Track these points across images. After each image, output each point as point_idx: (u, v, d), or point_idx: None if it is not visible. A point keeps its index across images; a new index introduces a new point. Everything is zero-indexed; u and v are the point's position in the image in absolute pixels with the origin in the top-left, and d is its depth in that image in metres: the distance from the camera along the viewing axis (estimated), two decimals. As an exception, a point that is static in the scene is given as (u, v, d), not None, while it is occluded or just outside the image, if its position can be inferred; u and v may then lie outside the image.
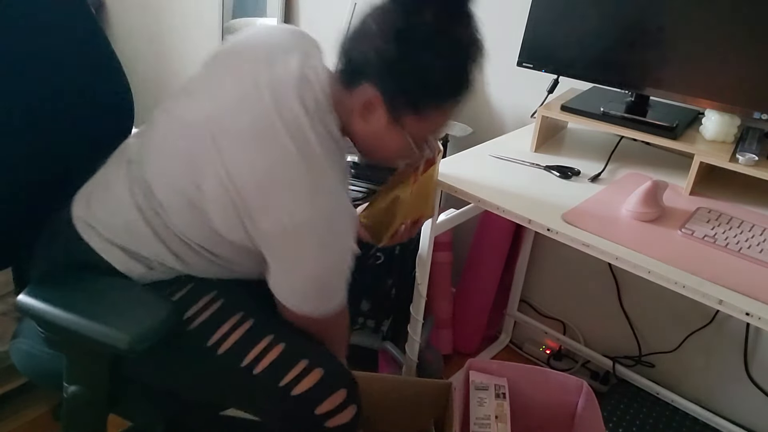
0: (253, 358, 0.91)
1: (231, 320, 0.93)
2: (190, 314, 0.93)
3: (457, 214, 1.46)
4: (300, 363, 0.91)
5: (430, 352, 1.69)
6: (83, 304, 0.85)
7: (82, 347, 0.86)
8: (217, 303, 0.94)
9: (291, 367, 0.91)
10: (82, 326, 0.82)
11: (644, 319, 1.65)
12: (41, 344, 0.96)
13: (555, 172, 1.26)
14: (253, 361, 0.90)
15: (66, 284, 0.90)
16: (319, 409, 0.90)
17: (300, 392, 0.90)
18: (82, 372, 0.89)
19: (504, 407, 1.30)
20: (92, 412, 0.92)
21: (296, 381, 0.90)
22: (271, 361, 0.91)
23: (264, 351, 0.91)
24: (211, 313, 0.93)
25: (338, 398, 0.91)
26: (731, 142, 1.20)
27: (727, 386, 1.54)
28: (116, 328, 0.81)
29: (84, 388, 0.89)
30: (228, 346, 0.91)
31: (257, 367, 0.90)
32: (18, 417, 1.53)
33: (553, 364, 1.84)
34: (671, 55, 1.21)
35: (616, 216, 1.11)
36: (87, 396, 0.90)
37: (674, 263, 0.98)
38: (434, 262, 1.44)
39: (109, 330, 0.81)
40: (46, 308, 0.84)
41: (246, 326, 0.93)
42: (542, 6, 1.31)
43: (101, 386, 0.90)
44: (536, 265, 1.82)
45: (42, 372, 0.99)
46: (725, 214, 1.12)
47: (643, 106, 1.31)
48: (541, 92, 1.45)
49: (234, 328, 0.92)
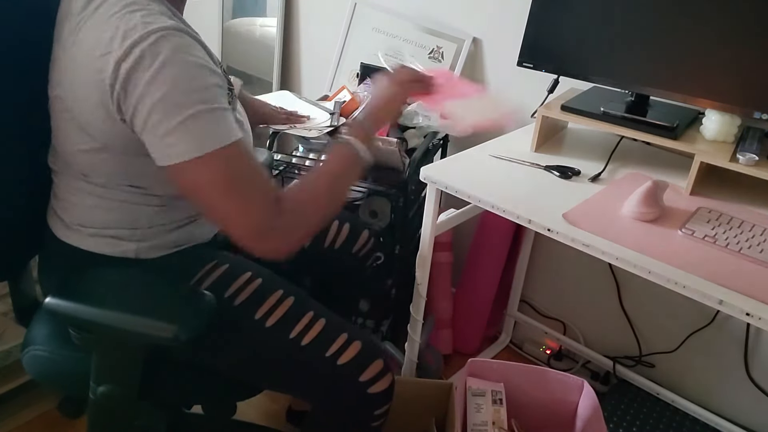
0: (300, 331, 0.97)
1: (273, 296, 0.99)
2: (232, 292, 0.98)
3: (457, 214, 1.46)
4: (342, 336, 0.98)
5: (430, 352, 1.69)
6: (118, 300, 0.87)
7: (117, 344, 0.87)
8: (256, 281, 1.00)
9: (334, 339, 0.98)
10: (123, 321, 0.83)
11: (644, 319, 1.65)
12: (61, 348, 0.96)
13: (555, 172, 1.26)
14: (300, 333, 0.97)
15: (93, 283, 0.90)
16: (363, 376, 0.98)
17: (345, 361, 0.97)
18: (113, 370, 0.90)
19: (501, 413, 1.30)
20: (122, 409, 0.93)
21: (341, 351, 0.97)
22: (316, 333, 0.97)
23: (308, 325, 0.98)
24: (253, 289, 0.99)
25: (377, 367, 0.99)
26: (731, 142, 1.20)
27: (727, 386, 1.54)
28: (159, 319, 0.82)
29: (114, 387, 0.90)
30: (276, 320, 0.97)
31: (305, 338, 0.97)
32: (18, 417, 1.53)
33: (553, 364, 1.84)
34: (671, 55, 1.21)
35: (616, 216, 1.11)
36: (118, 393, 0.90)
37: (674, 263, 0.98)
38: (434, 262, 1.44)
39: (153, 321, 0.82)
40: (81, 308, 0.85)
41: (288, 302, 0.99)
42: (542, 6, 1.31)
43: (133, 382, 0.91)
44: (536, 265, 1.82)
45: (62, 376, 0.99)
46: (726, 214, 1.12)
47: (643, 106, 1.31)
48: (541, 92, 1.45)
49: (278, 303, 0.99)
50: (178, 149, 0.79)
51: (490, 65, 1.69)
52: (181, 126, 0.78)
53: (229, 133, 0.82)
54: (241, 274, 1.00)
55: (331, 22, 1.98)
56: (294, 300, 1.00)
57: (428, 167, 1.27)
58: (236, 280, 0.99)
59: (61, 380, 1.00)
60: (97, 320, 0.84)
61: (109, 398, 0.90)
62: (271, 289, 1.00)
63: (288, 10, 2.10)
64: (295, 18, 2.11)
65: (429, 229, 1.33)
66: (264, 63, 2.19)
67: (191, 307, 0.85)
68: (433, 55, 1.73)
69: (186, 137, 0.79)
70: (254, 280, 1.00)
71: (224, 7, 2.28)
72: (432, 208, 1.30)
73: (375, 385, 0.99)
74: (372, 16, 1.82)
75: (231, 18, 2.31)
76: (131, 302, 0.87)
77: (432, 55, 1.74)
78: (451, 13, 1.71)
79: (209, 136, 0.80)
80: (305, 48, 2.12)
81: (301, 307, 1.00)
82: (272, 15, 2.14)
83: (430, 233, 1.33)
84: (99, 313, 0.84)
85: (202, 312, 0.85)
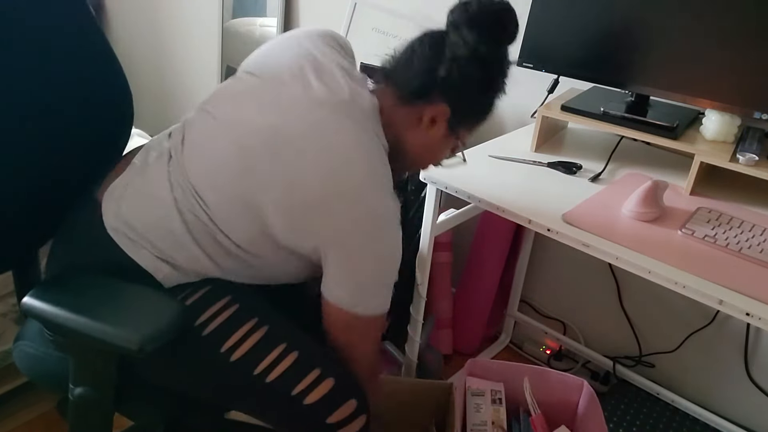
0: (266, 366, 0.91)
1: (245, 327, 0.93)
2: (204, 319, 0.92)
3: (457, 214, 1.46)
4: (313, 372, 0.92)
5: (430, 352, 1.69)
6: (91, 306, 0.85)
7: (89, 349, 0.86)
8: (232, 308, 0.94)
9: (304, 376, 0.92)
10: (90, 328, 0.82)
11: (644, 319, 1.65)
12: (46, 346, 0.96)
13: (560, 167, 1.27)
14: (266, 369, 0.91)
15: (72, 286, 0.90)
16: (331, 418, 0.92)
17: (312, 401, 0.91)
18: (89, 373, 0.89)
19: (500, 413, 1.30)
20: (99, 412, 0.92)
21: (309, 390, 0.91)
22: (284, 369, 0.92)
23: (278, 359, 0.92)
24: (225, 318, 0.93)
25: (349, 408, 0.93)
26: (731, 142, 1.20)
27: (727, 386, 1.54)
28: (125, 329, 0.81)
29: (90, 389, 0.89)
30: (241, 354, 0.91)
31: (270, 375, 0.91)
32: (18, 417, 1.53)
33: (553, 364, 1.83)
34: (671, 55, 1.21)
35: (616, 216, 1.11)
36: (93, 397, 0.89)
37: (674, 263, 0.98)
38: (434, 262, 1.44)
39: (118, 331, 0.81)
40: (53, 310, 0.83)
41: (260, 333, 0.93)
42: (542, 6, 1.31)
43: (108, 387, 0.90)
44: (536, 265, 1.82)
45: (46, 374, 0.98)
46: (725, 214, 1.12)
47: (643, 106, 1.31)
48: (541, 92, 1.45)
49: (248, 335, 0.92)
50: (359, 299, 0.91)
51: (490, 65, 1.69)
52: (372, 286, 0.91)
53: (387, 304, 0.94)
54: (217, 300, 0.95)
55: (331, 22, 1.97)
56: (267, 330, 0.94)
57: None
58: (210, 307, 0.94)
59: (45, 378, 1.00)
60: (66, 324, 0.83)
61: (85, 400, 0.89)
62: (245, 318, 0.94)
63: (288, 10, 2.10)
64: (295, 18, 2.11)
65: (429, 229, 1.33)
66: (264, 63, 2.18)
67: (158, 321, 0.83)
68: (433, 55, 1.73)
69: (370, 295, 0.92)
70: (230, 306, 0.94)
71: (224, 7, 2.28)
72: (432, 208, 1.30)
73: (345, 428, 0.93)
74: (372, 16, 1.82)
75: (231, 18, 2.31)
76: (102, 309, 0.85)
77: (432, 55, 1.73)
78: (451, 13, 1.71)
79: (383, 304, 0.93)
80: (305, 48, 2.11)
81: (274, 339, 0.93)
82: (272, 15, 2.14)
83: (430, 233, 1.33)
84: (69, 317, 0.83)
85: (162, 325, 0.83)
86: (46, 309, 0.84)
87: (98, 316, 0.83)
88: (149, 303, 0.88)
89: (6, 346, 1.47)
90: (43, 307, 0.84)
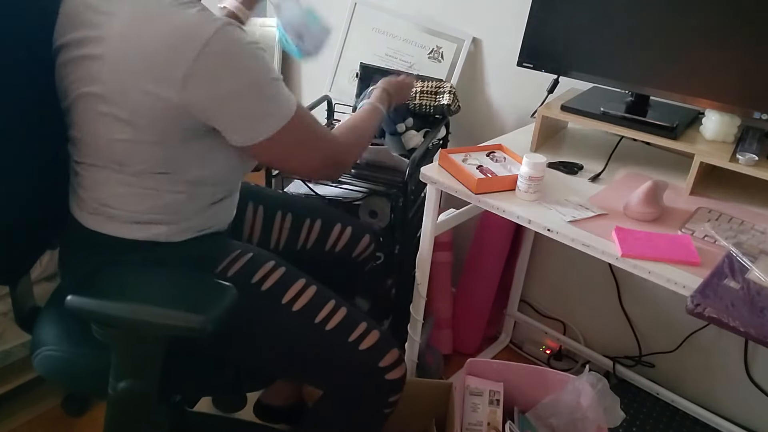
0: (324, 317, 1.02)
1: (297, 284, 1.04)
2: (258, 278, 1.02)
3: (457, 214, 1.46)
4: (362, 324, 1.04)
5: (430, 352, 1.69)
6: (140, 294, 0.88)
7: (139, 337, 0.87)
8: (280, 269, 1.05)
9: (355, 326, 1.03)
10: (149, 314, 0.84)
11: (644, 319, 1.65)
12: (74, 347, 0.97)
13: (560, 167, 1.27)
14: (324, 319, 1.02)
15: (111, 280, 0.91)
16: (383, 362, 1.03)
17: (366, 347, 1.02)
18: (134, 364, 0.90)
19: (497, 414, 1.30)
20: (142, 404, 0.93)
21: (362, 338, 1.03)
22: (339, 320, 1.03)
23: (332, 312, 1.03)
24: (278, 277, 1.04)
25: (394, 355, 1.05)
26: (731, 142, 1.20)
27: (727, 386, 1.54)
28: (184, 310, 0.83)
29: (135, 381, 0.90)
30: (302, 305, 1.02)
31: (329, 324, 1.02)
32: (18, 417, 1.54)
33: (553, 364, 1.83)
34: (671, 55, 1.21)
35: (616, 216, 1.11)
36: (138, 388, 0.91)
37: (674, 263, 0.98)
38: (434, 262, 1.44)
39: (181, 313, 0.83)
40: (104, 303, 0.85)
41: (312, 291, 1.04)
42: (542, 6, 1.31)
43: (152, 377, 0.91)
44: (536, 265, 1.82)
45: (78, 375, 0.99)
46: (725, 214, 1.12)
47: (643, 106, 1.31)
48: (541, 92, 1.45)
49: (302, 291, 1.03)
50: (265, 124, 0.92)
51: (490, 65, 1.69)
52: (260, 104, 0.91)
53: (292, 98, 0.96)
54: (264, 262, 1.05)
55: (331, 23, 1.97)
56: (317, 289, 1.05)
57: (428, 167, 1.27)
58: (261, 268, 1.03)
59: (76, 379, 1.01)
60: (120, 314, 0.85)
61: (129, 393, 0.90)
62: (295, 277, 1.05)
63: (288, 10, 2.10)
64: (295, 18, 2.11)
65: (429, 229, 1.33)
66: (264, 63, 2.18)
67: (216, 298, 0.86)
68: (432, 55, 1.73)
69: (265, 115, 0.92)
70: (278, 268, 1.05)
71: (224, 7, 2.27)
72: (432, 208, 1.30)
73: (392, 372, 1.04)
74: (372, 16, 1.82)
75: (231, 18, 2.31)
76: (155, 295, 0.88)
77: (432, 55, 1.74)
78: (451, 13, 1.71)
79: (285, 105, 0.94)
80: (305, 48, 2.11)
81: (324, 296, 1.05)
82: (272, 15, 2.14)
83: (430, 233, 1.33)
84: (123, 307, 0.85)
85: (227, 302, 0.86)
86: (97, 303, 0.85)
87: (153, 300, 0.86)
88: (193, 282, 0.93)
89: (6, 346, 1.47)
90: (92, 301, 0.85)
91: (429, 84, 1.59)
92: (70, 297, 0.84)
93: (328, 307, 1.03)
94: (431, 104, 1.58)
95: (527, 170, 1.12)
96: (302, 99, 2.19)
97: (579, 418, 1.27)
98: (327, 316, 1.02)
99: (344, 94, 1.85)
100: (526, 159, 1.11)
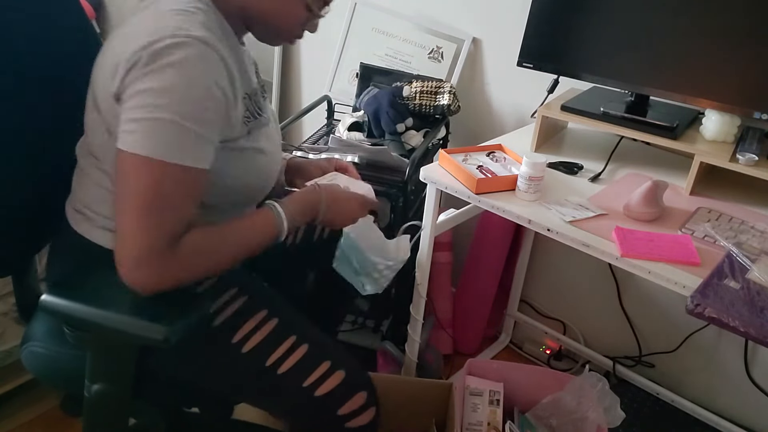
0: (278, 358, 0.92)
1: (255, 318, 0.94)
2: (214, 308, 0.93)
3: (457, 214, 1.46)
4: (324, 364, 0.93)
5: (430, 352, 1.69)
6: (112, 300, 0.86)
7: (109, 343, 0.87)
8: (241, 299, 0.95)
9: (315, 367, 0.92)
10: (115, 321, 0.83)
11: (644, 319, 1.65)
12: (58, 345, 0.96)
13: (561, 167, 1.27)
14: (278, 360, 0.92)
15: (89, 283, 0.90)
16: (342, 410, 0.92)
17: (323, 393, 0.92)
18: (107, 369, 0.90)
19: (497, 414, 1.30)
20: (116, 408, 0.92)
21: (320, 382, 0.92)
22: (295, 361, 0.92)
23: (288, 351, 0.92)
24: (235, 309, 0.94)
25: (359, 400, 0.93)
26: (731, 142, 1.20)
27: (727, 386, 1.54)
28: (149, 320, 0.82)
29: (107, 385, 0.90)
30: (252, 345, 0.92)
31: (282, 366, 0.92)
32: (18, 417, 1.53)
33: (553, 364, 1.83)
34: (671, 55, 1.21)
35: (616, 216, 1.11)
36: (111, 392, 0.90)
37: (674, 263, 0.98)
38: (434, 262, 1.44)
39: (144, 323, 0.82)
40: (76, 306, 0.84)
41: (270, 325, 0.94)
42: (542, 6, 1.31)
43: (125, 382, 0.90)
44: (536, 265, 1.82)
45: (59, 373, 0.99)
46: (725, 214, 1.12)
47: (643, 106, 1.31)
48: (541, 92, 1.45)
49: (258, 326, 0.93)
50: (133, 138, 0.77)
51: (490, 65, 1.69)
52: (150, 123, 0.77)
53: (186, 156, 0.78)
54: (226, 290, 0.95)
55: (331, 22, 1.97)
56: (277, 322, 0.94)
57: (428, 167, 1.27)
58: (221, 296, 0.95)
59: (58, 377, 1.00)
60: (90, 319, 0.84)
61: (103, 396, 0.90)
62: (255, 309, 0.95)
63: (288, 10, 2.10)
64: (295, 18, 2.11)
65: (429, 229, 1.33)
66: (264, 63, 2.19)
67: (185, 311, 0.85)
68: (432, 55, 1.73)
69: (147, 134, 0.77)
70: (239, 298, 0.95)
71: (224, 7, 2.27)
72: (432, 208, 1.30)
73: (355, 419, 0.93)
74: (372, 16, 1.82)
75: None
76: (124, 303, 0.86)
77: (432, 55, 1.74)
78: (451, 13, 1.71)
79: (166, 146, 0.77)
80: (305, 48, 2.11)
81: (284, 331, 0.94)
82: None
83: (430, 233, 1.33)
84: (92, 311, 0.84)
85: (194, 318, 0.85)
86: (69, 305, 0.85)
87: (121, 309, 0.84)
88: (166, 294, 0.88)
89: (6, 345, 1.47)
90: (65, 303, 0.85)
91: (429, 84, 1.59)
92: (44, 296, 0.84)
93: (286, 344, 0.92)
94: (431, 104, 1.58)
95: (527, 170, 1.12)
96: (302, 99, 2.19)
97: (579, 418, 1.27)
98: (282, 356, 0.92)
99: (344, 94, 1.85)
100: (526, 159, 1.11)
